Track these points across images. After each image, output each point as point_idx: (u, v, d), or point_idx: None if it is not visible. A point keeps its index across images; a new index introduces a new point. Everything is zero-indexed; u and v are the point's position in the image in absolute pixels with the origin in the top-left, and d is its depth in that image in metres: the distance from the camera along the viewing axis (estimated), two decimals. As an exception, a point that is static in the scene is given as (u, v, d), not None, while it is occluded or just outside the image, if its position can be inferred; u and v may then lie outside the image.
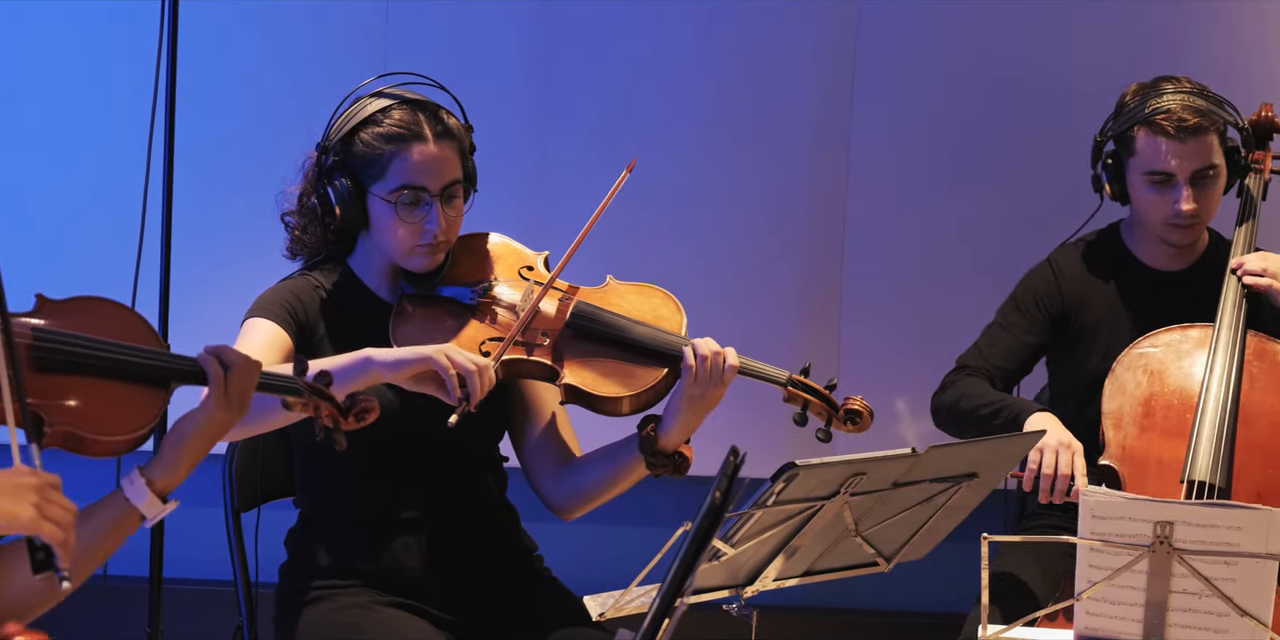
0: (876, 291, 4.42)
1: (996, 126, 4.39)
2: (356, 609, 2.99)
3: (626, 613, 2.63)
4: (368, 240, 3.08)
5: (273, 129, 4.44)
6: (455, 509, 3.07)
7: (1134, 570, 2.71)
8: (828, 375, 3.20)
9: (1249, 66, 4.27)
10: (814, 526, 2.65)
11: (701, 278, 4.40)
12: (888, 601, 4.57)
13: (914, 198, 4.42)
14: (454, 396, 2.82)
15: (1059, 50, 4.35)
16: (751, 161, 4.43)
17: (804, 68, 4.41)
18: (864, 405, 3.04)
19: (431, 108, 3.05)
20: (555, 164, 4.42)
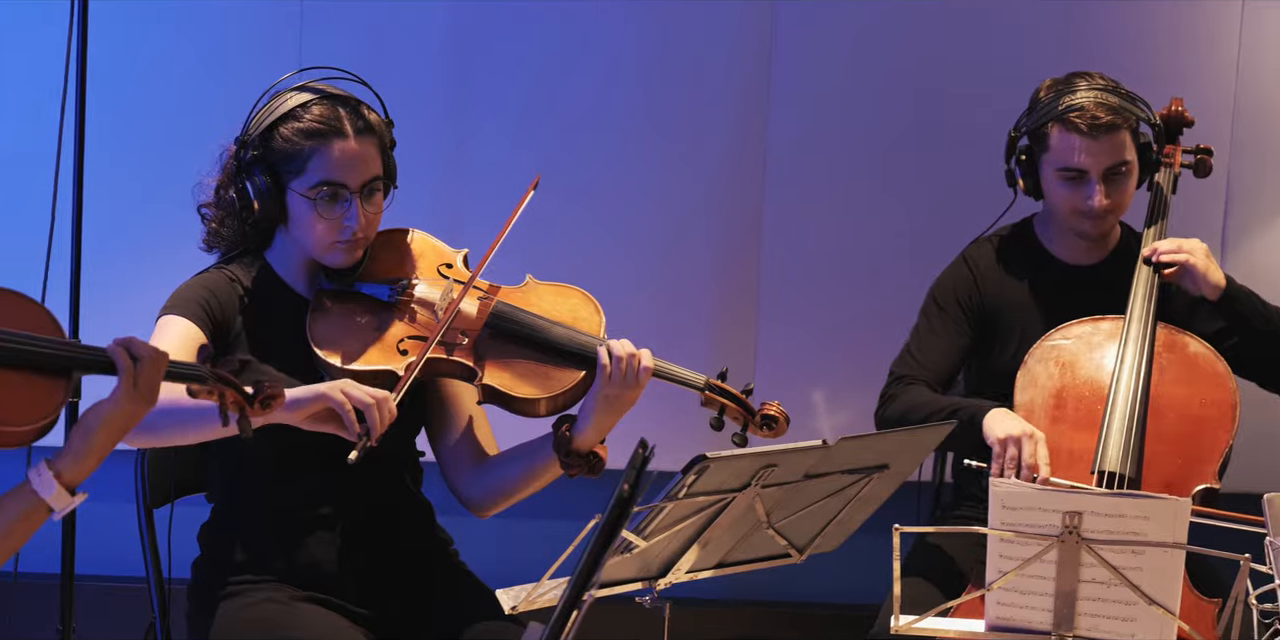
0: (793, 290, 4.43)
1: (911, 124, 4.41)
2: (271, 604, 2.98)
3: (539, 605, 2.63)
4: (285, 235, 3.07)
5: (186, 122, 4.40)
6: (370, 504, 3.07)
7: (1043, 560, 2.73)
8: (744, 375, 3.22)
9: (1160, 62, 4.31)
10: (726, 518, 2.66)
11: (619, 278, 4.40)
12: (802, 593, 4.59)
13: (829, 196, 4.44)
14: (353, 432, 2.80)
15: (973, 47, 4.37)
16: (669, 163, 4.43)
17: (721, 68, 4.41)
18: (780, 411, 3.06)
19: (352, 103, 3.04)
20: (474, 160, 4.41)
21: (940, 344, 3.59)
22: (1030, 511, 2.73)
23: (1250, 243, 4.37)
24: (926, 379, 3.54)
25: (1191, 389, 3.40)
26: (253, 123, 3.02)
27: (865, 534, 3.04)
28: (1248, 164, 4.34)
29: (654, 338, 3.19)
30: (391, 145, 3.09)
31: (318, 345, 3.00)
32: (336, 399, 2.79)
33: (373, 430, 2.80)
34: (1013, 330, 3.59)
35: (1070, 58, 3.89)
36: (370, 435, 2.80)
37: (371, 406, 2.80)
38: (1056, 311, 3.54)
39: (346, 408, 2.79)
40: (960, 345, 3.59)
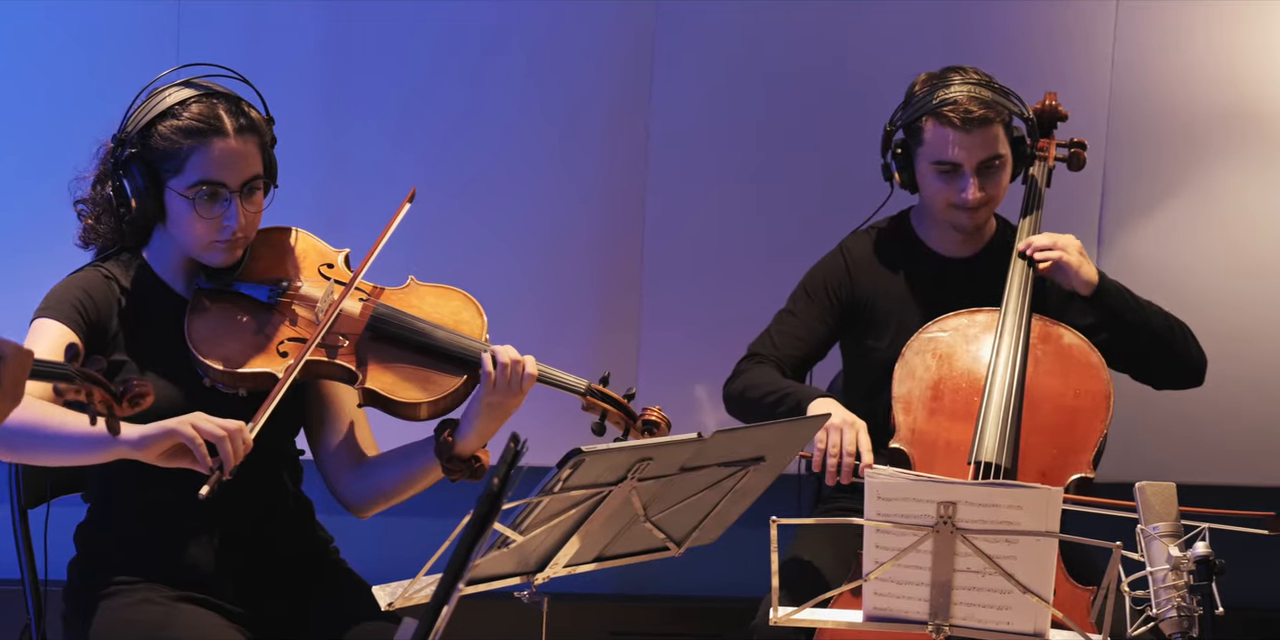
0: (675, 290, 4.44)
1: (791, 122, 4.43)
2: (148, 605, 2.96)
3: (416, 601, 2.62)
4: (164, 233, 3.04)
5: (61, 117, 4.35)
6: (249, 504, 3.05)
7: (919, 550, 2.76)
8: (628, 374, 3.22)
9: (1036, 57, 4.36)
10: (603, 512, 2.66)
11: (501, 279, 4.39)
12: (684, 587, 4.60)
13: (712, 196, 4.45)
14: (205, 467, 2.74)
15: (852, 43, 4.40)
16: (550, 164, 4.43)
17: (603, 69, 4.42)
18: (662, 416, 3.07)
19: (232, 100, 3.00)
20: (354, 159, 4.39)
21: (799, 329, 3.63)
22: (905, 502, 2.75)
23: (1125, 235, 4.43)
24: (778, 360, 3.59)
25: (1066, 380, 3.45)
26: (131, 120, 2.98)
27: (744, 526, 3.06)
28: (1123, 158, 4.40)
29: (537, 340, 3.20)
30: (272, 143, 3.06)
31: (196, 346, 2.97)
32: (186, 434, 2.72)
33: (226, 463, 2.73)
34: (888, 322, 3.62)
35: (947, 53, 3.92)
36: (224, 469, 2.73)
37: (223, 439, 2.73)
38: (932, 303, 3.58)
39: (197, 442, 2.72)
40: (819, 333, 3.63)
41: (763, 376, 3.55)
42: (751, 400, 3.51)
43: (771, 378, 3.54)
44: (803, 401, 3.42)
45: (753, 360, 3.61)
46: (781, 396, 3.46)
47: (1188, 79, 4.38)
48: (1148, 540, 2.75)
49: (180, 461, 2.75)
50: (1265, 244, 4.42)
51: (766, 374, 3.55)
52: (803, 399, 3.43)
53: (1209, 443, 4.47)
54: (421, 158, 4.39)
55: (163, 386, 2.96)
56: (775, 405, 3.46)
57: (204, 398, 2.96)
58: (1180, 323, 3.61)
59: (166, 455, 2.75)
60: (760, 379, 3.54)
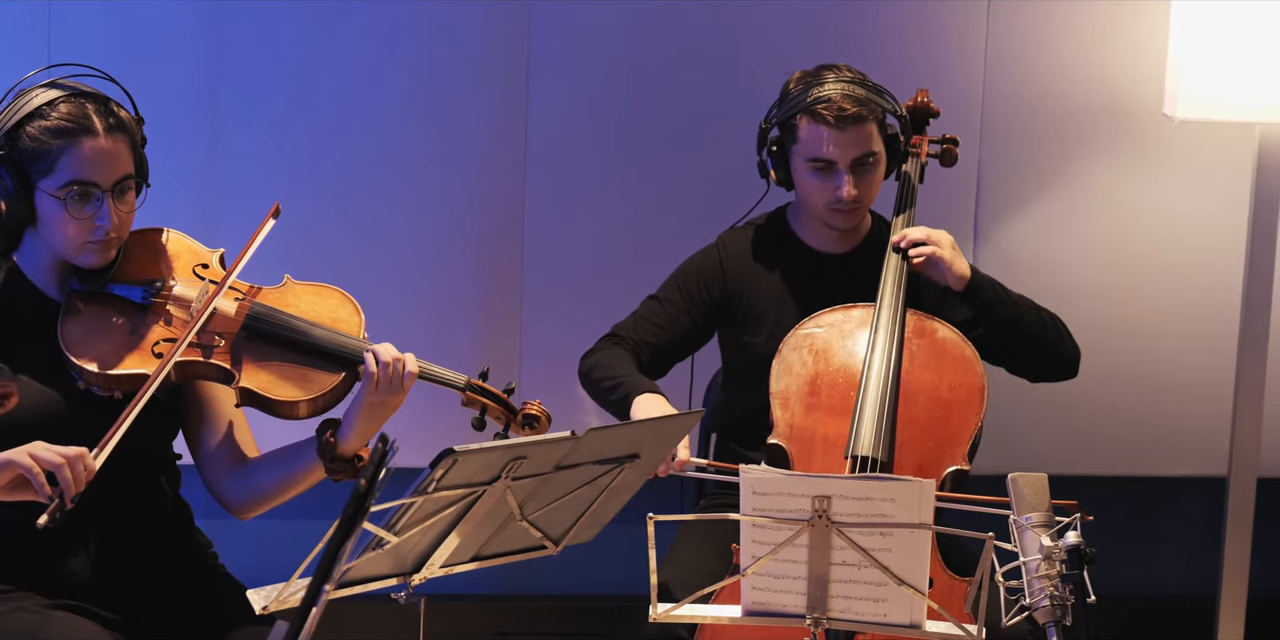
0: (556, 286, 4.44)
1: (668, 118, 4.44)
2: (21, 613, 2.93)
3: (290, 605, 2.61)
4: (35, 236, 3.01)
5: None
6: (125, 509, 3.02)
7: (795, 544, 2.77)
8: (508, 374, 3.22)
9: (909, 55, 4.40)
10: (478, 512, 2.66)
11: (380, 277, 4.37)
12: (567, 586, 4.61)
13: (590, 193, 4.46)
14: (44, 495, 2.69)
15: (725, 41, 4.42)
16: (428, 161, 4.42)
17: (479, 67, 4.40)
18: (542, 410, 3.07)
19: (101, 100, 2.98)
20: (229, 158, 4.35)
21: (660, 318, 3.67)
22: (780, 497, 2.76)
23: (1001, 230, 4.48)
24: (635, 344, 3.64)
25: (940, 374, 3.48)
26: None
27: (625, 524, 3.07)
28: (997, 153, 4.45)
29: (418, 337, 3.19)
30: (143, 143, 3.04)
31: (69, 349, 2.94)
32: (24, 463, 2.68)
33: (66, 491, 2.69)
34: (764, 318, 3.65)
35: (821, 51, 3.95)
36: (64, 497, 2.69)
37: (62, 466, 2.69)
38: (809, 299, 3.61)
39: (35, 471, 2.68)
40: (681, 324, 3.66)
41: (610, 360, 3.59)
42: (593, 381, 3.58)
43: (617, 363, 3.58)
44: (630, 394, 3.47)
45: (610, 341, 3.65)
46: (615, 385, 3.51)
47: (1060, 76, 4.43)
48: (1020, 530, 2.78)
49: (23, 494, 2.70)
50: (1137, 237, 4.49)
51: (615, 358, 3.59)
52: (631, 391, 3.47)
53: (1085, 433, 4.53)
54: (297, 158, 4.37)
55: (38, 391, 2.94)
56: (609, 392, 3.52)
57: (79, 401, 2.93)
58: (1054, 316, 3.66)
59: (8, 488, 2.70)
60: (607, 361, 3.59)
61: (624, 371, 3.54)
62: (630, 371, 3.55)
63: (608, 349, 3.63)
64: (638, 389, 3.48)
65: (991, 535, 2.71)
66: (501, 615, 4.59)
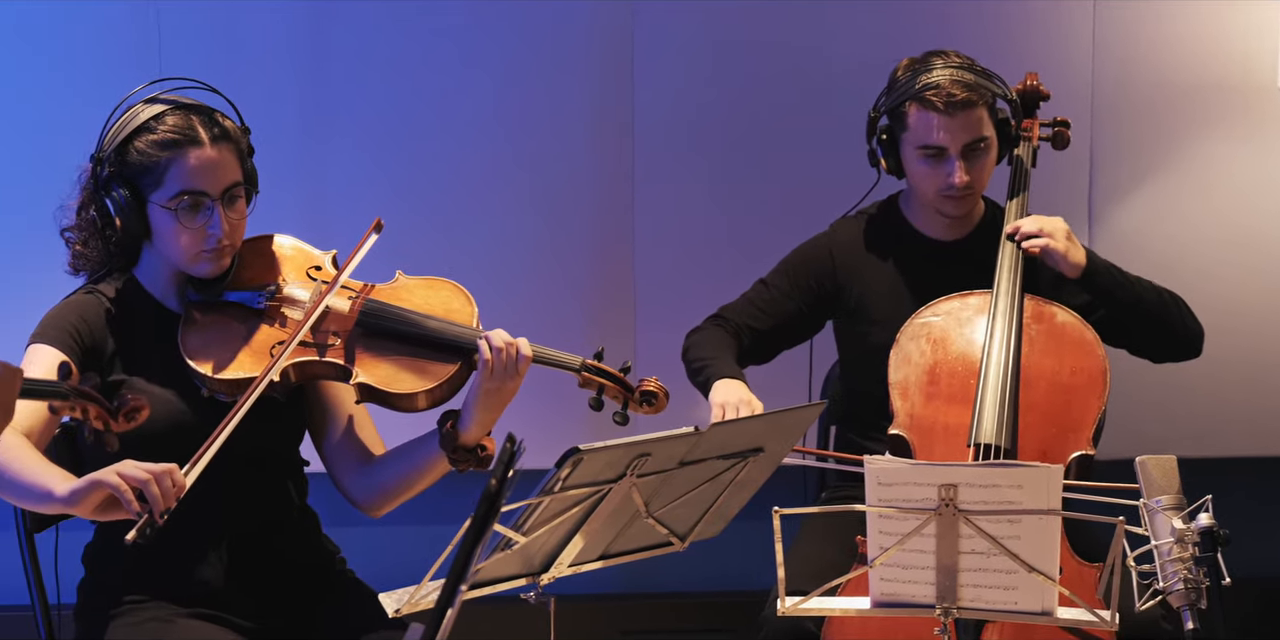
0: (669, 267, 4.45)
1: (777, 103, 4.43)
2: (157, 623, 2.96)
3: (422, 607, 2.62)
4: (151, 250, 3.04)
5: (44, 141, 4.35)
6: (255, 517, 3.05)
7: (922, 534, 2.76)
8: (624, 357, 3.22)
9: (1013, 37, 4.36)
10: (604, 510, 2.66)
11: (492, 266, 4.39)
12: (690, 583, 4.60)
13: (701, 174, 4.45)
14: (132, 512, 2.68)
15: (833, 28, 4.41)
16: (536, 148, 4.43)
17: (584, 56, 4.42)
18: (659, 386, 3.06)
19: (206, 111, 3.01)
20: (334, 164, 4.39)
21: (765, 302, 3.67)
22: (906, 487, 2.75)
23: (1116, 211, 4.43)
24: (737, 327, 3.65)
25: (1060, 358, 3.45)
26: (107, 138, 2.99)
27: (749, 519, 3.06)
28: (1109, 134, 4.40)
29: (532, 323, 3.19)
30: (250, 151, 3.07)
31: (190, 358, 2.97)
32: (111, 482, 2.68)
33: (154, 507, 2.68)
34: (878, 307, 3.63)
35: (927, 38, 3.93)
36: (153, 513, 2.68)
37: (149, 482, 2.68)
38: (923, 287, 3.58)
39: (122, 488, 2.67)
40: (785, 310, 3.66)
41: (706, 341, 3.61)
42: (687, 361, 3.60)
43: (711, 345, 3.59)
44: (712, 378, 3.48)
45: (714, 321, 3.67)
46: (702, 367, 3.53)
47: (1170, 53, 4.38)
48: (1151, 514, 2.75)
49: (117, 513, 2.70)
50: (1254, 213, 4.43)
51: (712, 339, 3.61)
52: (713, 375, 3.48)
53: (1208, 415, 4.47)
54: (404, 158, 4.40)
55: (164, 401, 2.97)
56: (697, 373, 3.54)
57: (205, 409, 2.96)
58: (1174, 295, 3.61)
59: (101, 508, 2.70)
60: (702, 342, 3.61)
61: (714, 354, 3.55)
62: (720, 354, 3.55)
63: (709, 329, 3.65)
64: (719, 373, 3.48)
65: (1122, 519, 2.68)
66: (625, 613, 4.59)
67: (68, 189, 3.08)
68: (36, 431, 2.86)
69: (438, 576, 2.59)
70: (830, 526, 3.48)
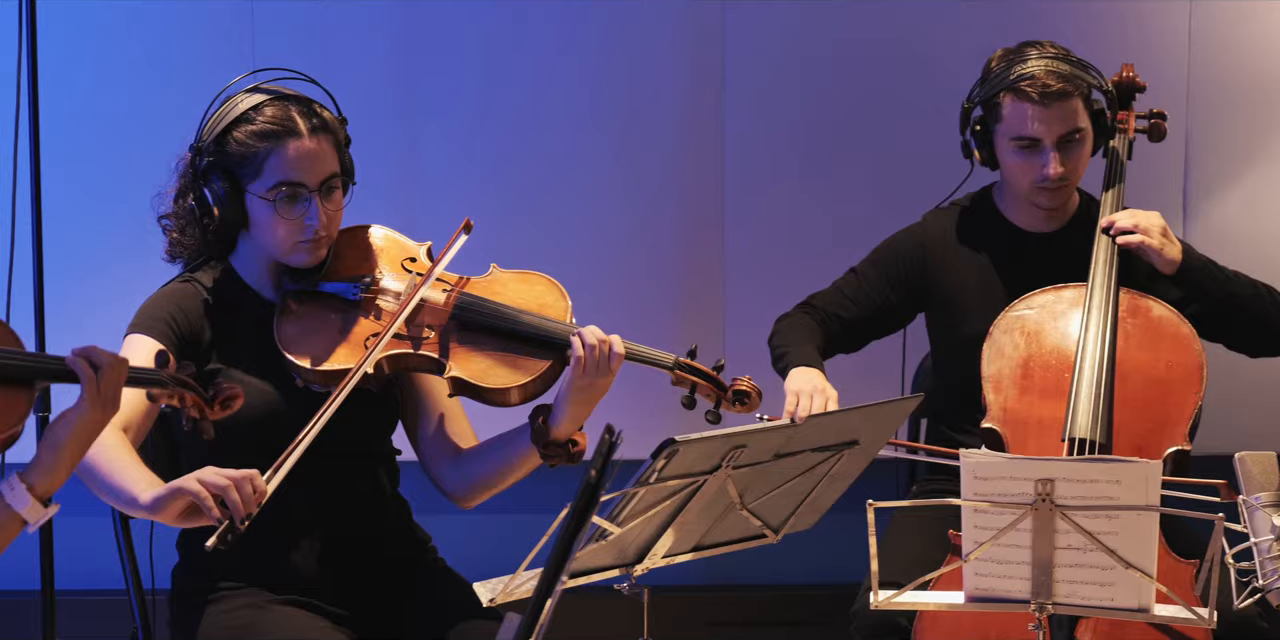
0: (758, 262, 4.44)
1: (867, 97, 4.42)
2: (251, 609, 2.98)
3: (516, 597, 2.63)
4: (248, 239, 3.06)
5: (141, 130, 4.39)
6: (348, 505, 3.06)
7: (1018, 529, 2.74)
8: (715, 351, 3.21)
9: (1110, 28, 4.32)
10: (699, 501, 2.66)
11: (581, 258, 4.40)
12: (781, 576, 4.60)
13: (790, 170, 4.45)
14: (212, 518, 2.69)
15: (925, 19, 4.38)
16: (626, 144, 4.44)
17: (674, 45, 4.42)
18: (752, 385, 3.05)
19: (304, 102, 3.02)
20: (426, 156, 4.40)
21: (854, 291, 3.66)
22: (1002, 481, 2.73)
23: (1211, 205, 4.38)
24: (824, 315, 3.64)
25: (1156, 353, 3.41)
26: (206, 128, 3.01)
27: (839, 512, 3.04)
28: (1205, 127, 4.36)
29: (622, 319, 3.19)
30: (347, 142, 3.07)
31: (285, 348, 2.99)
32: (191, 489, 2.68)
33: (235, 513, 2.69)
34: (970, 300, 3.60)
35: (1022, 27, 3.90)
36: (234, 519, 2.69)
37: (228, 488, 2.68)
38: (1016, 280, 3.55)
39: (203, 495, 2.68)
40: (874, 300, 3.65)
41: (790, 327, 3.60)
42: (771, 347, 3.60)
43: (795, 332, 3.58)
44: (789, 366, 3.46)
45: (802, 309, 3.66)
46: (783, 354, 3.53)
47: (1267, 44, 4.33)
48: (1250, 511, 2.72)
49: (200, 520, 2.71)
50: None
51: (796, 327, 3.60)
52: (790, 363, 3.47)
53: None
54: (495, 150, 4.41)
55: (259, 391, 2.98)
56: (777, 360, 3.53)
57: (300, 399, 2.98)
58: (1271, 290, 3.57)
59: (184, 515, 2.72)
60: (787, 329, 3.61)
61: (795, 342, 3.54)
62: (801, 342, 3.54)
63: (796, 316, 3.64)
64: (796, 361, 3.47)
65: (1221, 516, 2.66)
66: (710, 605, 4.59)
67: (164, 176, 3.09)
68: (136, 423, 2.88)
69: (532, 566, 2.60)
70: (921, 520, 3.46)
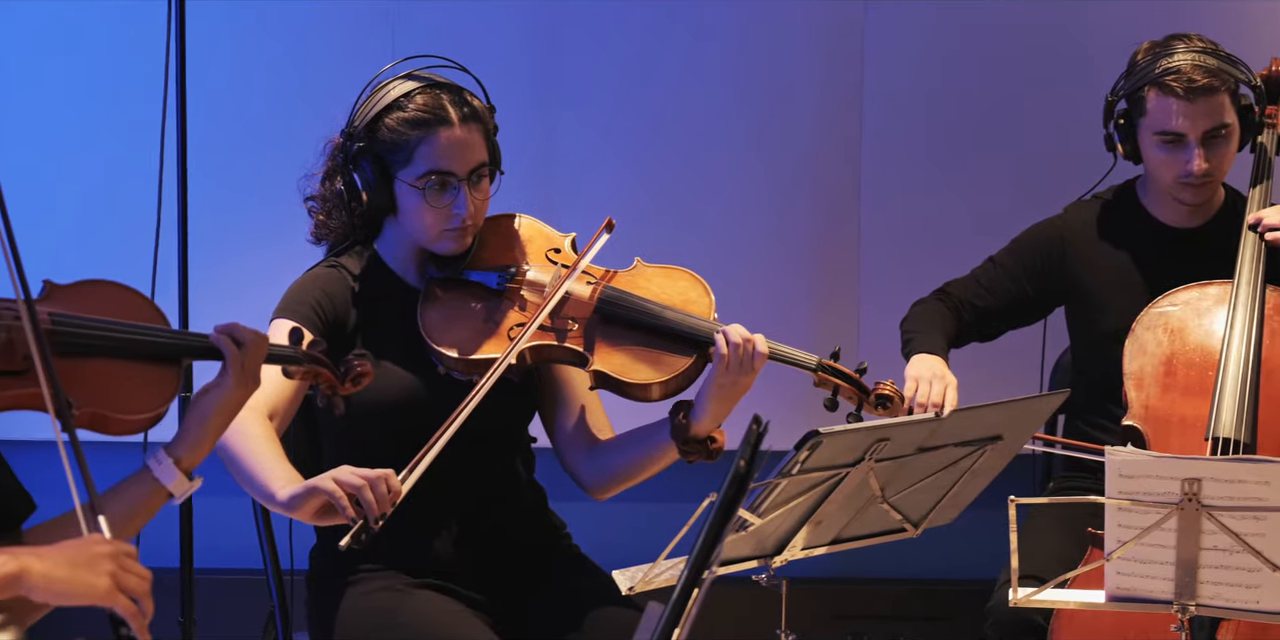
0: (893, 263, 4.43)
1: (1007, 91, 4.38)
2: (388, 592, 3.00)
3: (656, 586, 2.64)
4: (394, 225, 3.07)
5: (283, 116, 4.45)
6: (484, 490, 3.07)
7: (1163, 528, 2.70)
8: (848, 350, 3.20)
9: (1259, 22, 4.25)
10: (840, 494, 2.65)
11: (717, 253, 4.40)
12: (914, 570, 4.57)
13: (928, 172, 4.42)
14: (346, 517, 2.70)
15: (1070, 10, 4.34)
16: (764, 144, 4.43)
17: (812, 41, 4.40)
18: (895, 390, 3.04)
19: (455, 90, 3.03)
20: (563, 147, 4.42)
21: (990, 280, 3.64)
22: (1148, 479, 2.70)
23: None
24: (958, 303, 3.63)
25: (1304, 352, 3.36)
26: (357, 114, 3.02)
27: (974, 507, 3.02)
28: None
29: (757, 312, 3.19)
30: (495, 131, 3.08)
31: (429, 335, 3.00)
32: (327, 488, 2.70)
33: (369, 513, 2.69)
34: (1109, 294, 3.56)
35: (1169, 20, 3.85)
36: (368, 519, 2.69)
37: (363, 488, 2.69)
38: (1158, 276, 3.51)
39: (338, 495, 2.69)
40: (1009, 290, 3.63)
41: (922, 314, 3.60)
42: (901, 332, 3.59)
43: (925, 319, 3.58)
44: (912, 352, 3.46)
45: (937, 296, 3.66)
46: (909, 339, 3.53)
47: None
48: (1402, 514, 2.67)
49: (333, 519, 2.74)
50: None
51: (927, 313, 3.60)
52: (914, 349, 3.47)
53: None
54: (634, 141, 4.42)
55: (399, 377, 3.00)
56: (904, 345, 3.53)
57: (440, 386, 2.99)
58: None
59: (319, 513, 2.75)
60: (918, 315, 3.61)
61: (922, 329, 3.54)
62: (928, 329, 3.54)
63: (929, 303, 3.64)
64: (919, 347, 3.46)
65: (1373, 519, 2.61)
66: (841, 597, 4.58)
67: (305, 161, 3.12)
68: (281, 409, 2.91)
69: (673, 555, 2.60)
70: (1058, 517, 3.43)
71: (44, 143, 4.54)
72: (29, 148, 4.53)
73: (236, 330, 2.43)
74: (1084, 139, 3.84)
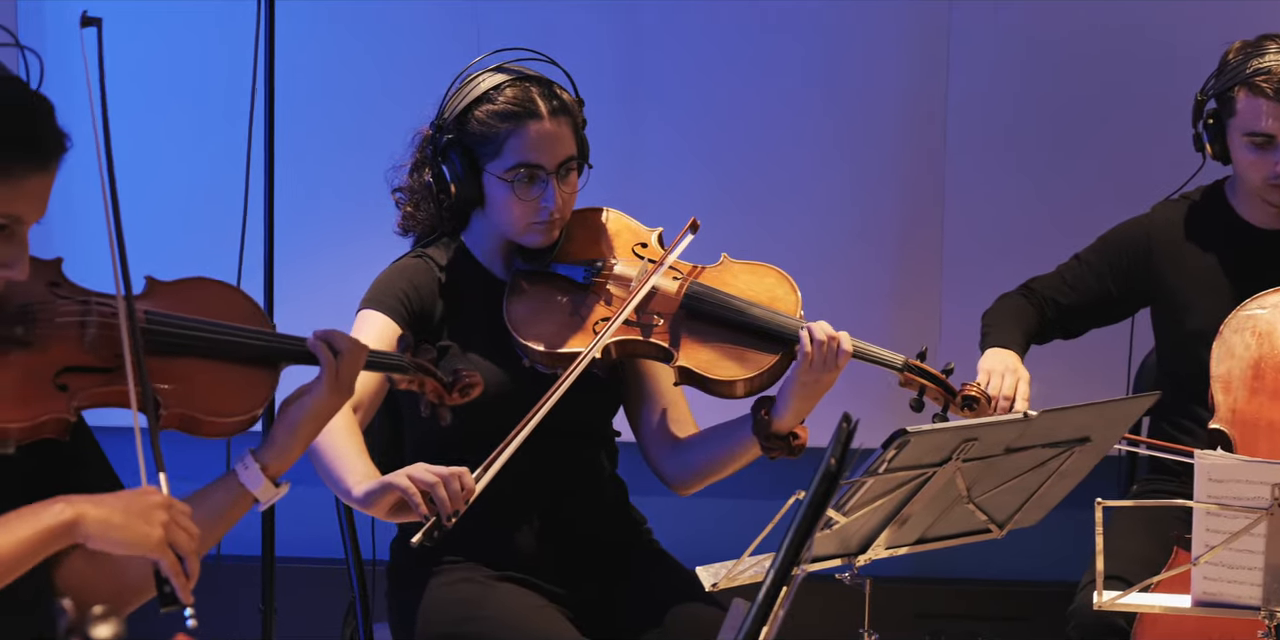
0: (977, 263, 4.40)
1: (1092, 90, 4.35)
2: (470, 584, 3.00)
3: (740, 582, 2.63)
4: (482, 217, 3.07)
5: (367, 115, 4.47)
6: (567, 484, 3.08)
7: (1252, 533, 2.68)
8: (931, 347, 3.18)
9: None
10: (926, 494, 2.64)
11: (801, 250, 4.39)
12: (995, 570, 4.55)
13: (1012, 171, 4.40)
14: (419, 514, 2.71)
15: (1160, 11, 4.30)
16: (848, 143, 4.43)
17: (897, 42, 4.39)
18: (982, 391, 3.03)
19: (544, 83, 3.03)
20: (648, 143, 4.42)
21: (1074, 277, 3.62)
22: (1237, 484, 2.67)
23: None
24: (1041, 299, 3.62)
25: (1395, 356, 3.32)
26: (447, 107, 3.02)
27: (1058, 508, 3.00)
28: None
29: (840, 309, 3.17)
30: (583, 124, 3.08)
31: (515, 328, 3.00)
32: (400, 485, 2.71)
33: (442, 510, 2.70)
34: (1196, 295, 3.53)
35: (1263, 19, 3.81)
36: (441, 516, 2.70)
37: (436, 485, 2.69)
38: (1245, 277, 3.48)
39: (411, 491, 2.69)
40: (1093, 287, 3.61)
41: (1002, 308, 3.60)
42: (981, 324, 3.59)
43: (1004, 313, 3.57)
44: (987, 346, 3.45)
45: (1021, 291, 3.65)
46: (986, 333, 3.53)
47: None
48: None
49: (407, 515, 2.74)
50: None
51: (1008, 309, 3.59)
52: (989, 343, 3.46)
53: None
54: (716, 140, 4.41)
55: (485, 368, 3.00)
56: (982, 338, 3.52)
57: (525, 379, 2.99)
58: None
59: (393, 510, 2.75)
60: (999, 309, 3.60)
61: (1000, 323, 3.53)
62: (1006, 323, 3.52)
63: (1012, 297, 3.63)
64: (994, 342, 3.45)
65: None
66: (921, 597, 4.56)
67: (391, 154, 3.13)
68: (366, 403, 2.92)
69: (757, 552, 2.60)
70: (1141, 519, 3.40)
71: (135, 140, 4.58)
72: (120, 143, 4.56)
73: (335, 338, 2.39)
74: (1169, 141, 3.81)
